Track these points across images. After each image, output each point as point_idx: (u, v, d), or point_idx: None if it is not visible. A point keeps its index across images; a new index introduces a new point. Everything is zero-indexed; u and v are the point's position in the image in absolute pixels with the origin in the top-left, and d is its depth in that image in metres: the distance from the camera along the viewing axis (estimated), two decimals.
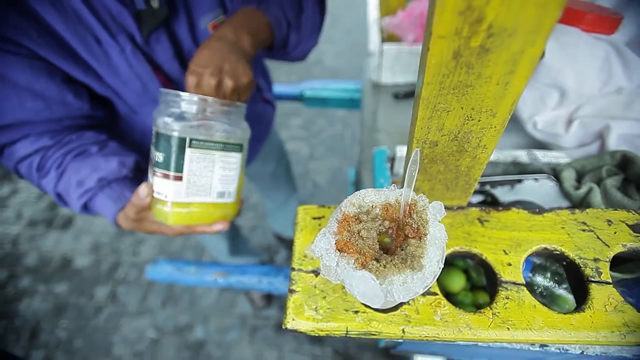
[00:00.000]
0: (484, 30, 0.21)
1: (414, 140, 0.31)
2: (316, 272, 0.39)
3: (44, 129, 0.53)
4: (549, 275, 0.45)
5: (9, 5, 0.45)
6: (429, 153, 0.33)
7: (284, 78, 2.70)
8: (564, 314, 0.33)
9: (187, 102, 0.45)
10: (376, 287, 0.24)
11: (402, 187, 0.31)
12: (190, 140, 0.46)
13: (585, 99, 0.56)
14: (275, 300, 1.57)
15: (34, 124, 0.52)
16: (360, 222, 0.29)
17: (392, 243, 0.29)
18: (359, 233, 0.29)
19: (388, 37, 0.95)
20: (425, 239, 0.27)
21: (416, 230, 0.28)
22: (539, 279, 0.44)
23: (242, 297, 1.58)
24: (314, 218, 0.44)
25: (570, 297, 0.44)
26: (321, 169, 2.10)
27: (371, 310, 0.36)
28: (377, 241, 0.29)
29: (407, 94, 0.92)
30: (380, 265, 0.26)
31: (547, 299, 0.47)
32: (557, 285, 0.44)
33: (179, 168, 0.46)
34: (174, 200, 0.47)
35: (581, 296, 0.35)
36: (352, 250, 0.26)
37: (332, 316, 0.36)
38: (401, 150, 0.64)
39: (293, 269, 0.40)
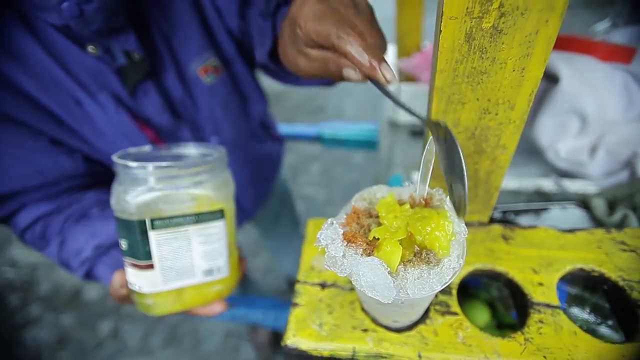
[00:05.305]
0: (495, 10, 0.21)
1: (428, 139, 0.30)
2: (323, 285, 0.36)
3: (40, 196, 0.49)
4: (587, 308, 0.39)
5: None
6: None
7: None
8: (613, 343, 0.28)
9: (142, 171, 0.37)
10: (386, 276, 0.21)
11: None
12: (152, 221, 0.38)
13: (608, 126, 0.54)
14: (282, 347, 1.45)
15: (29, 192, 0.48)
16: (371, 216, 0.28)
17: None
18: (369, 227, 0.26)
19: (405, 78, 0.99)
20: None
21: None
22: (576, 312, 0.39)
23: (246, 343, 1.48)
24: None
25: (618, 338, 0.38)
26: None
27: (382, 329, 0.32)
28: None
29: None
30: None
31: None
32: (599, 320, 0.38)
33: (147, 255, 0.39)
34: (151, 291, 0.40)
35: (630, 324, 0.30)
36: (360, 241, 0.24)
37: (337, 334, 0.32)
38: (417, 175, 0.63)
39: (298, 281, 0.37)
